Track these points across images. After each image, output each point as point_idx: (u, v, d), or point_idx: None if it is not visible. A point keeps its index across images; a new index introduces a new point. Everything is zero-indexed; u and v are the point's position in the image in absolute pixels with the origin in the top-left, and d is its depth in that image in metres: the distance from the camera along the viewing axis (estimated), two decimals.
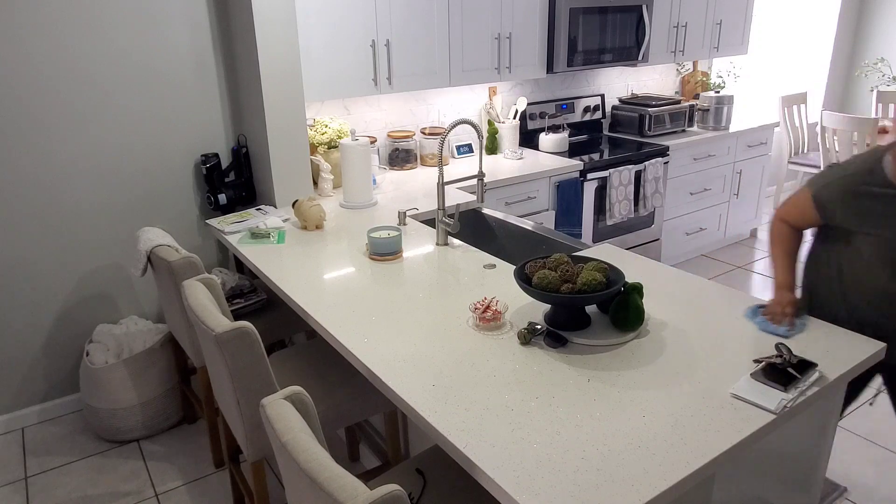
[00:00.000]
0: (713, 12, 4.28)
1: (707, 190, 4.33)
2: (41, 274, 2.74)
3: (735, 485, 1.54)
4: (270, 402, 1.29)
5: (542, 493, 1.15)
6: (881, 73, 5.72)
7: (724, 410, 1.37)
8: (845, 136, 4.49)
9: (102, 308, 2.91)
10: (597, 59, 3.74)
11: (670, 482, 1.17)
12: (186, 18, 2.78)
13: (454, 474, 1.57)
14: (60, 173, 2.68)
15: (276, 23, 2.65)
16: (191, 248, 3.03)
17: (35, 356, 2.82)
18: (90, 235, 2.80)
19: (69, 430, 2.82)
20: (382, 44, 3.01)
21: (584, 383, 1.48)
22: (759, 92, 5.66)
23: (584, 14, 3.58)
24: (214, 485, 2.47)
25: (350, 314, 1.85)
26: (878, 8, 5.75)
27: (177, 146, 2.90)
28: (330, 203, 2.93)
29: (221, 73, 2.92)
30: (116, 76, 2.69)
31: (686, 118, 4.28)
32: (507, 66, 3.45)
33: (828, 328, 1.69)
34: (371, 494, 1.01)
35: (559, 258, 1.75)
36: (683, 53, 4.22)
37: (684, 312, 1.80)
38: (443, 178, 2.33)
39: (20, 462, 2.63)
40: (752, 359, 1.55)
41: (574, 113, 4.19)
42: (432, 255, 2.28)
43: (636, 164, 3.77)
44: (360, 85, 3.01)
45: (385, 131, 3.51)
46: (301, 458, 1.14)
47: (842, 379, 1.50)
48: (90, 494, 2.44)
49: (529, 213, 3.41)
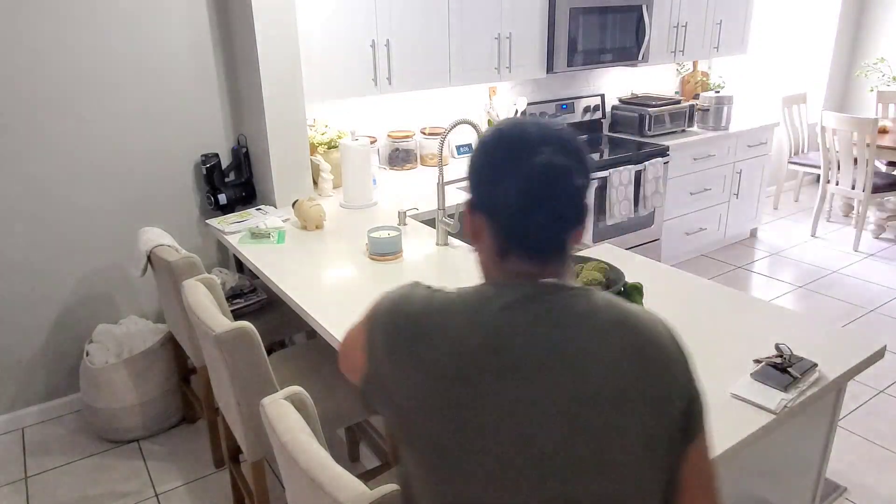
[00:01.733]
0: (713, 12, 4.28)
1: (707, 190, 4.33)
2: (41, 274, 2.74)
3: (735, 485, 1.54)
4: (270, 402, 1.29)
5: None
6: (881, 73, 5.72)
7: (724, 410, 1.37)
8: (845, 136, 4.49)
9: (102, 308, 2.91)
10: (597, 59, 3.74)
11: None
12: (186, 18, 2.78)
13: None
14: (60, 173, 2.68)
15: (276, 23, 2.65)
16: (191, 248, 3.03)
17: (35, 356, 2.82)
18: (90, 236, 2.80)
19: (69, 430, 2.82)
20: (382, 44, 3.01)
21: None
22: (759, 92, 5.66)
23: (584, 14, 3.58)
24: (214, 485, 2.47)
25: (350, 314, 1.85)
26: (878, 8, 5.75)
27: (177, 146, 2.90)
28: (330, 203, 2.93)
29: (221, 73, 2.92)
30: (116, 76, 2.69)
31: (686, 118, 4.28)
32: (507, 66, 3.45)
33: (828, 328, 1.69)
34: (371, 494, 1.01)
35: None
36: (683, 53, 4.22)
37: (684, 312, 1.80)
38: (443, 178, 2.33)
39: (20, 462, 2.63)
40: (753, 359, 1.55)
41: (574, 113, 4.19)
42: (432, 255, 2.28)
43: (636, 164, 3.77)
44: (360, 85, 3.01)
45: (385, 131, 3.51)
46: (301, 458, 1.14)
47: (842, 379, 1.50)
48: (90, 494, 2.44)
49: None
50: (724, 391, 1.43)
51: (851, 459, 2.54)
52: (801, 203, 5.72)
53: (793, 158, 5.42)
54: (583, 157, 0.93)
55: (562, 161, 0.90)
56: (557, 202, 0.90)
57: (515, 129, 0.93)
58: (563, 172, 0.90)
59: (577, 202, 0.92)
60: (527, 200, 0.89)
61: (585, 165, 0.93)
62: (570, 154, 0.91)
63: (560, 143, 0.91)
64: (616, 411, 0.84)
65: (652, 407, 0.85)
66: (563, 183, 0.90)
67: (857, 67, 5.94)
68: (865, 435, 2.67)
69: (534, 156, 0.89)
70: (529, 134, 0.92)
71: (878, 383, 3.02)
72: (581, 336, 0.87)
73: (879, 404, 2.87)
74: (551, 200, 0.90)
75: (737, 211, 4.61)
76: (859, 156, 4.48)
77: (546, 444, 0.84)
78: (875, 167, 4.72)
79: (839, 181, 4.71)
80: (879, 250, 4.62)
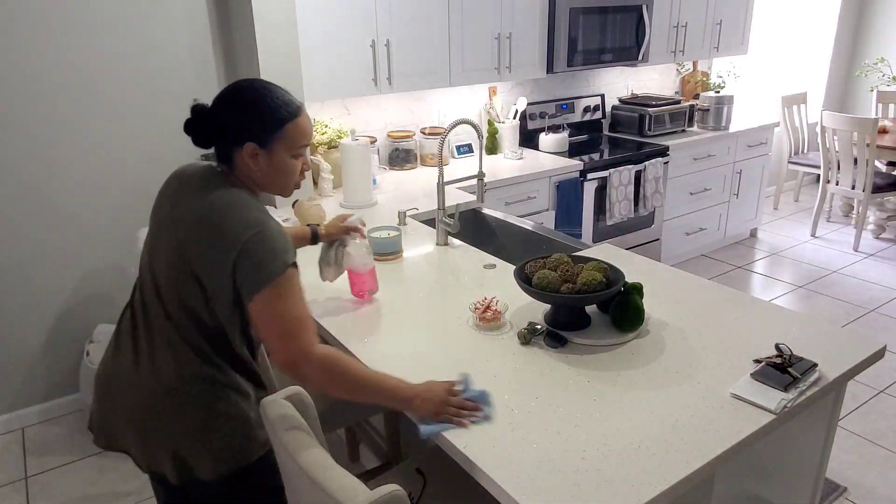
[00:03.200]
0: (713, 12, 4.28)
1: (707, 190, 4.33)
2: (41, 274, 2.74)
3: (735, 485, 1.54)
4: (270, 402, 1.29)
5: (542, 494, 1.15)
6: (881, 73, 5.73)
7: (724, 410, 1.37)
8: (845, 136, 4.49)
9: (102, 308, 2.91)
10: (597, 59, 3.74)
11: (670, 482, 1.17)
12: (186, 19, 2.78)
13: (454, 474, 1.57)
14: (60, 173, 2.68)
15: (276, 23, 2.65)
16: None
17: (35, 356, 2.82)
18: (90, 236, 2.80)
19: (69, 430, 2.82)
20: (382, 44, 3.01)
21: (584, 383, 1.48)
22: (759, 92, 5.66)
23: (584, 14, 3.58)
24: None
25: (350, 314, 1.85)
26: (878, 8, 5.75)
27: (177, 146, 2.90)
28: (330, 203, 2.93)
29: (221, 74, 2.92)
30: (116, 76, 2.69)
31: (686, 118, 4.28)
32: (507, 66, 3.45)
33: (828, 328, 1.69)
34: (371, 494, 1.01)
35: (559, 258, 1.75)
36: (683, 53, 4.22)
37: (684, 312, 1.80)
38: (443, 178, 2.33)
39: (20, 462, 2.63)
40: (753, 359, 1.55)
41: (574, 113, 4.19)
42: (432, 255, 2.28)
43: (636, 164, 3.77)
44: (360, 85, 3.01)
45: (385, 131, 3.51)
46: (301, 458, 1.14)
47: (842, 379, 1.50)
48: (90, 494, 2.44)
49: (529, 213, 3.41)
50: (724, 391, 1.43)
51: (851, 459, 2.54)
52: (801, 203, 5.72)
53: (793, 158, 5.42)
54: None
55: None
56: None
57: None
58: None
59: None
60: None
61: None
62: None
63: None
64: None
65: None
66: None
67: (857, 67, 5.94)
68: (865, 435, 2.67)
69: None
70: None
71: (878, 383, 3.02)
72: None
73: (879, 404, 2.87)
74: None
75: (737, 211, 4.61)
76: (859, 156, 4.48)
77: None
78: (875, 167, 4.73)
79: (839, 181, 4.71)
80: (879, 250, 4.62)
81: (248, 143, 1.35)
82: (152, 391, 1.34)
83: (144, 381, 1.35)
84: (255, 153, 1.36)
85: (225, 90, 1.37)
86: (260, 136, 1.35)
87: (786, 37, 5.68)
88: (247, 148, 1.35)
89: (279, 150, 1.37)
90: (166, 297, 1.34)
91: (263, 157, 1.37)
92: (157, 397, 1.34)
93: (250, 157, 1.36)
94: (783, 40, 5.69)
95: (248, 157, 1.36)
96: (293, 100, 1.39)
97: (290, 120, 1.36)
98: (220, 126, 1.35)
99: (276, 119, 1.35)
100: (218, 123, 1.35)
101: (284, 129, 1.36)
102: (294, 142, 1.38)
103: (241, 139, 1.34)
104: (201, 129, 1.37)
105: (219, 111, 1.35)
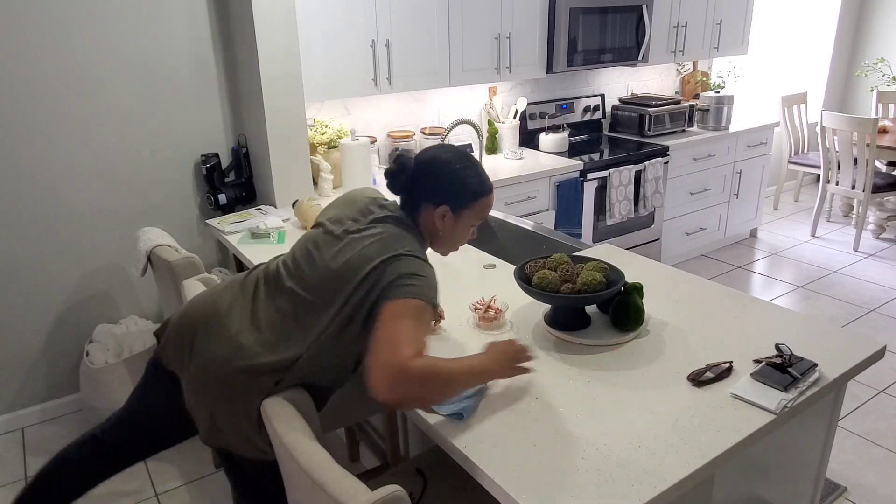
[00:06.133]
0: (713, 12, 4.28)
1: (707, 190, 4.33)
2: (41, 274, 2.74)
3: (735, 485, 1.54)
4: (270, 402, 1.29)
5: (542, 493, 1.15)
6: (881, 73, 5.72)
7: (724, 410, 1.37)
8: (845, 136, 4.49)
9: (102, 308, 2.91)
10: (597, 59, 3.74)
11: (670, 482, 1.17)
12: (186, 18, 2.78)
13: (454, 474, 1.57)
14: (60, 173, 2.68)
15: (276, 23, 2.65)
16: (191, 248, 3.03)
17: (35, 356, 2.82)
18: (90, 235, 2.80)
19: (69, 430, 2.82)
20: (382, 44, 3.01)
21: (584, 383, 1.48)
22: (759, 92, 5.66)
23: (584, 14, 3.58)
24: (214, 485, 2.47)
25: None
26: (878, 8, 5.75)
27: (177, 146, 2.90)
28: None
29: (221, 73, 2.92)
30: (116, 76, 2.69)
31: (686, 118, 4.28)
32: (507, 66, 3.45)
33: (828, 328, 1.69)
34: (372, 495, 1.01)
35: (559, 258, 1.75)
36: (683, 53, 4.22)
37: (684, 312, 1.80)
38: None
39: (20, 462, 2.63)
40: (753, 359, 1.55)
41: (574, 113, 4.19)
42: (432, 255, 2.28)
43: (636, 164, 3.77)
44: (360, 85, 3.01)
45: (385, 131, 3.51)
46: (301, 458, 1.14)
47: (842, 379, 1.50)
48: (90, 494, 2.43)
49: (529, 213, 3.41)
50: (724, 391, 1.43)
51: (851, 459, 2.54)
52: (801, 203, 5.72)
53: (793, 158, 5.42)
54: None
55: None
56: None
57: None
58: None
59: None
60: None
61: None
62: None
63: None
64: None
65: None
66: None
67: (857, 67, 5.94)
68: (865, 435, 2.67)
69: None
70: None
71: (878, 383, 3.02)
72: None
73: (879, 404, 2.87)
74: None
75: (737, 211, 4.61)
76: (859, 156, 4.48)
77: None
78: (875, 167, 4.73)
79: (839, 181, 4.71)
80: (879, 250, 4.62)
81: (443, 205, 1.48)
82: (240, 365, 1.37)
83: (239, 350, 1.38)
84: (444, 215, 1.50)
85: (433, 154, 1.51)
86: (455, 203, 1.49)
87: (786, 37, 5.68)
88: (440, 209, 1.49)
89: (466, 218, 1.52)
90: (316, 296, 1.40)
91: (450, 219, 1.50)
92: (239, 372, 1.36)
93: (439, 217, 1.50)
94: (783, 40, 5.69)
95: (437, 217, 1.50)
96: (488, 179, 1.55)
97: (484, 196, 1.52)
98: (423, 185, 1.49)
99: (474, 193, 1.50)
100: (421, 181, 1.49)
101: (477, 203, 1.51)
102: (480, 214, 1.54)
103: (439, 201, 1.49)
104: (404, 181, 1.50)
105: (426, 172, 1.49)
